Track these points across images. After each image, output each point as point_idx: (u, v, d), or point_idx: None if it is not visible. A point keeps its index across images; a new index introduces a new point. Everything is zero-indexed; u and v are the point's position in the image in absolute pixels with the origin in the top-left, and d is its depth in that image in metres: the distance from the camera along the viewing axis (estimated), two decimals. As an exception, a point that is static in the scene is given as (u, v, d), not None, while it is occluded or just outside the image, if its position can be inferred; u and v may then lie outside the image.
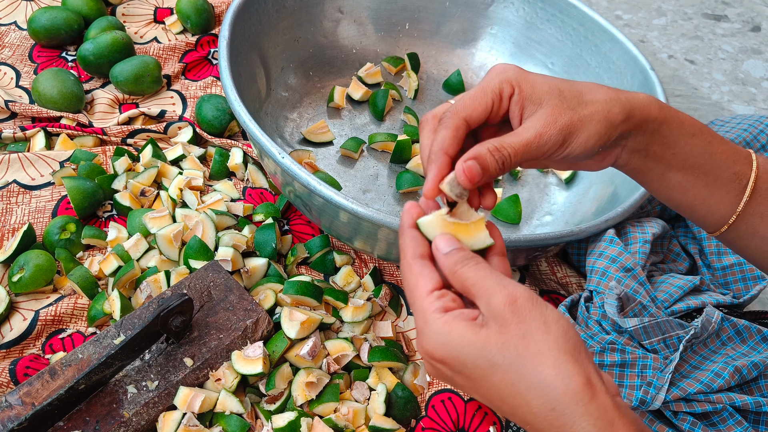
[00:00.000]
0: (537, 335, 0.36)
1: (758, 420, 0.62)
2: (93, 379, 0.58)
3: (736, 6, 1.49)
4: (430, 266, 0.42)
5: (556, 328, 0.36)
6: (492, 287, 0.38)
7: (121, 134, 0.91)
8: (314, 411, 0.66)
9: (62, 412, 0.58)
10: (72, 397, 0.57)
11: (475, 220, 0.44)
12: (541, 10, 0.99)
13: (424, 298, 0.40)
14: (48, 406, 0.55)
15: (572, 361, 0.36)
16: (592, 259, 0.73)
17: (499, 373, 0.37)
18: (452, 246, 0.42)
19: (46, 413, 0.55)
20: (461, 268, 0.40)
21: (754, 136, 1.02)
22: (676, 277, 0.73)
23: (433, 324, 0.39)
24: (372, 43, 1.05)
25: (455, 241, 0.42)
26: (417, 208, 0.45)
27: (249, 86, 0.86)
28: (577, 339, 0.37)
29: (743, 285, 0.75)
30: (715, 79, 1.28)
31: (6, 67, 1.00)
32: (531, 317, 0.37)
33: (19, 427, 0.53)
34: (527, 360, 0.36)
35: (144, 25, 1.11)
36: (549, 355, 0.36)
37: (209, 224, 0.78)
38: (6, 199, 0.82)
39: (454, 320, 0.38)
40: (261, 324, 0.69)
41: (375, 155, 0.94)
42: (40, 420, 0.55)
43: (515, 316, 0.37)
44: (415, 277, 0.42)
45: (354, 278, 0.79)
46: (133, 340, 0.60)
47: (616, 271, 0.70)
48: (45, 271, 0.73)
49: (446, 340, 0.38)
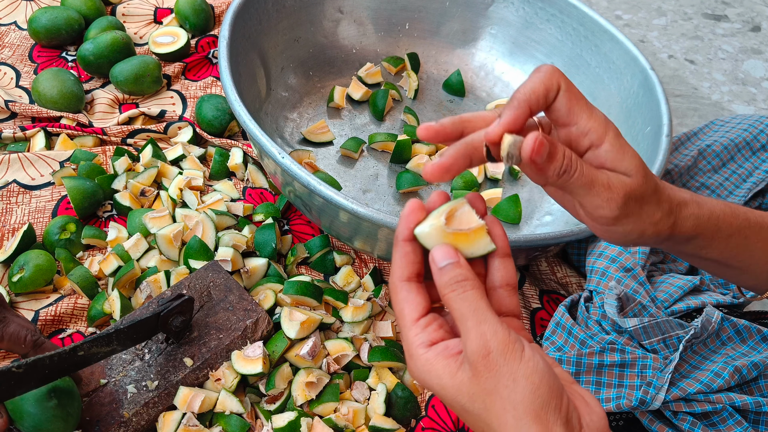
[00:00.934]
0: (504, 392, 0.36)
1: (758, 420, 0.62)
2: (91, 350, 0.57)
3: (736, 6, 1.49)
4: (416, 291, 0.41)
5: (524, 385, 0.36)
6: (470, 331, 0.38)
7: (121, 134, 0.91)
8: (314, 411, 0.66)
9: (58, 371, 0.56)
10: (70, 360, 0.56)
11: (475, 228, 0.41)
12: (541, 10, 0.99)
13: (409, 328, 0.40)
14: (48, 358, 0.54)
15: (535, 421, 0.36)
16: (592, 259, 0.73)
17: (471, 418, 0.38)
18: (448, 260, 0.40)
19: (44, 366, 0.54)
20: (450, 293, 0.39)
21: (754, 136, 1.02)
22: (676, 277, 0.73)
23: (417, 359, 0.39)
24: (372, 43, 1.05)
25: (453, 254, 0.40)
26: (418, 213, 0.42)
27: (249, 86, 0.86)
28: (547, 396, 0.36)
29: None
30: (715, 79, 1.28)
31: (6, 67, 1.00)
32: (501, 372, 0.36)
33: (18, 368, 0.52)
34: (492, 415, 0.37)
35: (144, 25, 1.11)
36: (512, 414, 0.36)
37: (209, 224, 0.78)
38: (6, 199, 0.82)
39: (436, 358, 0.39)
40: (261, 324, 0.69)
41: (375, 155, 0.94)
42: (39, 371, 0.54)
43: (487, 370, 0.37)
44: (400, 304, 0.41)
45: (354, 278, 0.79)
46: (138, 324, 0.60)
47: (616, 271, 0.70)
48: (45, 271, 0.73)
49: (427, 378, 0.39)
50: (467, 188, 0.89)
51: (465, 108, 1.04)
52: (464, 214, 0.42)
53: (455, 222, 0.41)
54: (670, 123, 0.81)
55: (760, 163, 1.00)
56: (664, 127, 0.80)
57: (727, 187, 0.97)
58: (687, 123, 1.16)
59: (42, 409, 0.55)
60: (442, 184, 0.92)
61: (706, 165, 1.00)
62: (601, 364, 0.64)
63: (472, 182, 0.90)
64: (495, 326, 0.37)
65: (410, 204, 0.42)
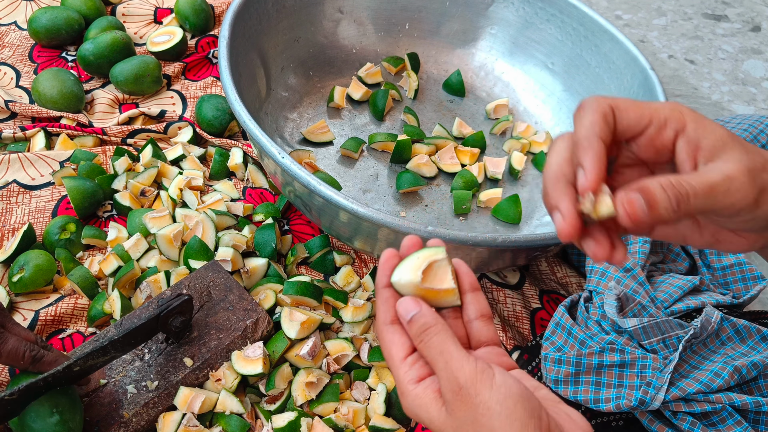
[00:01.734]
0: (483, 421, 0.38)
1: (758, 420, 0.62)
2: (88, 363, 0.57)
3: (736, 6, 1.49)
4: (400, 332, 0.43)
5: (500, 411, 0.38)
6: (441, 372, 0.40)
7: (121, 134, 0.91)
8: (314, 411, 0.66)
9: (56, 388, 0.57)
10: (66, 377, 0.56)
11: (446, 288, 0.44)
12: (541, 10, 0.99)
13: (398, 367, 0.43)
14: (42, 381, 0.54)
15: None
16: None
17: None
18: (413, 311, 0.42)
19: (39, 388, 0.55)
20: (419, 343, 0.42)
21: (754, 136, 1.02)
22: (675, 277, 0.73)
23: (407, 395, 0.42)
24: (372, 43, 1.05)
25: (414, 305, 0.42)
26: (392, 261, 0.44)
27: (249, 86, 0.86)
28: (525, 417, 0.37)
29: (743, 285, 0.75)
30: (715, 79, 1.28)
31: (6, 67, 1.00)
32: (476, 404, 0.38)
33: (10, 396, 0.52)
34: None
35: (144, 25, 1.11)
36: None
37: (209, 224, 0.78)
38: (6, 199, 0.82)
39: (424, 392, 0.41)
40: (261, 324, 0.69)
41: (375, 155, 0.94)
42: (33, 393, 0.55)
43: (463, 404, 0.39)
44: (387, 345, 0.43)
45: (354, 278, 0.79)
46: (136, 330, 0.60)
47: (616, 271, 0.70)
48: (45, 271, 0.73)
49: (418, 412, 0.41)
50: (467, 188, 0.89)
51: (465, 108, 1.04)
52: (441, 269, 0.44)
53: (431, 275, 0.44)
54: (670, 123, 0.81)
55: (760, 163, 1.00)
56: (664, 127, 0.80)
57: (727, 187, 0.98)
58: (687, 123, 1.16)
59: (44, 425, 0.56)
60: (442, 184, 0.92)
61: (706, 165, 1.00)
62: (600, 365, 0.64)
63: (472, 182, 0.90)
64: (461, 362, 0.39)
65: (385, 254, 0.45)
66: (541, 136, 0.98)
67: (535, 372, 0.73)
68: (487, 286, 0.82)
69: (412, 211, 0.88)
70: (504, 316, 0.79)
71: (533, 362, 0.74)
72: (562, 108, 1.00)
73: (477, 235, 0.64)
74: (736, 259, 0.76)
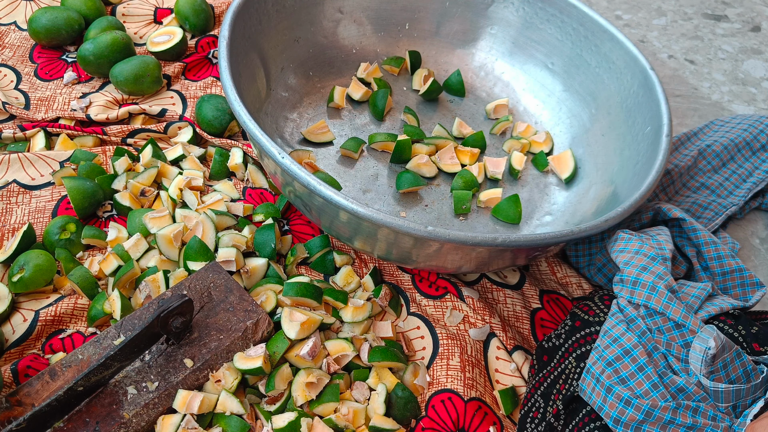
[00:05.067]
0: None
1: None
2: (92, 380, 0.58)
3: (736, 6, 1.49)
4: None
5: None
6: None
7: (121, 134, 0.91)
8: (314, 411, 0.66)
9: (61, 412, 0.58)
10: (71, 398, 0.57)
11: None
12: (541, 10, 0.99)
13: None
14: (47, 407, 0.55)
15: None
16: (622, 261, 0.70)
17: None
18: None
19: (45, 414, 0.55)
20: None
21: (754, 136, 1.02)
22: (689, 285, 0.71)
23: None
24: (372, 43, 1.05)
25: None
26: None
27: (249, 86, 0.86)
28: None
29: (741, 291, 0.75)
30: (715, 79, 1.28)
31: (6, 69, 1.00)
32: None
33: (17, 428, 0.53)
34: None
35: (144, 25, 1.11)
36: None
37: (209, 224, 0.78)
38: (6, 199, 0.82)
39: None
40: (261, 325, 0.69)
41: (375, 155, 0.94)
42: (39, 421, 0.55)
43: None
44: None
45: (354, 278, 0.79)
46: (133, 341, 0.60)
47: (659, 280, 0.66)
48: (45, 271, 0.73)
49: None
50: (467, 188, 0.89)
51: (465, 108, 1.04)
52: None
53: None
54: (670, 123, 0.81)
55: (760, 163, 1.00)
56: (664, 127, 0.80)
57: (727, 187, 0.98)
58: (687, 123, 1.16)
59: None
60: (442, 184, 0.92)
61: (706, 165, 1.00)
62: (671, 421, 0.60)
63: (472, 182, 0.90)
64: None
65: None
66: (541, 136, 0.98)
67: (545, 377, 0.73)
68: (487, 286, 0.82)
69: (412, 211, 0.88)
70: (504, 316, 0.79)
71: (548, 366, 0.72)
72: (562, 108, 1.00)
73: (477, 235, 0.64)
74: (737, 264, 0.76)
